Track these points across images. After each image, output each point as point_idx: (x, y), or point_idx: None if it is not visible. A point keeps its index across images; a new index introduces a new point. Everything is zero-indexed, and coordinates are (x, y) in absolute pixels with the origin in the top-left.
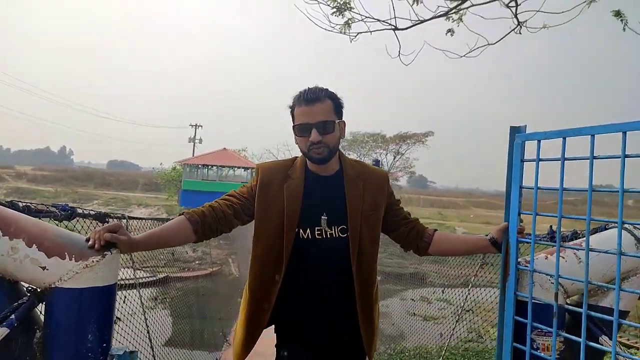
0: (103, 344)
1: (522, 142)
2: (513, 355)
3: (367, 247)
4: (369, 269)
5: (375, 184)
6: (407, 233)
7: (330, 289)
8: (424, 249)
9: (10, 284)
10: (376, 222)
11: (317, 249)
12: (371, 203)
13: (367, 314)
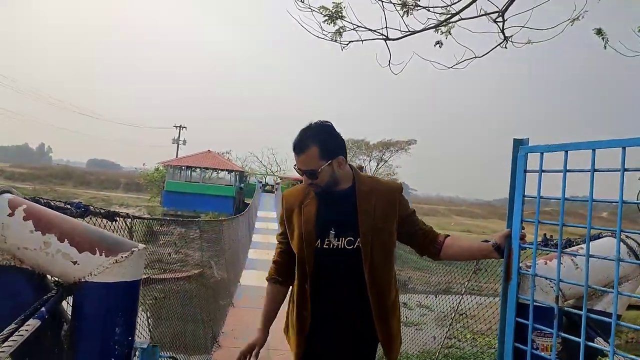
0: (129, 337)
1: (525, 154)
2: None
3: (379, 257)
4: (384, 279)
5: (387, 197)
6: (421, 241)
7: (345, 298)
8: (436, 254)
9: (39, 278)
10: (388, 234)
11: (328, 260)
12: (382, 215)
13: (384, 321)
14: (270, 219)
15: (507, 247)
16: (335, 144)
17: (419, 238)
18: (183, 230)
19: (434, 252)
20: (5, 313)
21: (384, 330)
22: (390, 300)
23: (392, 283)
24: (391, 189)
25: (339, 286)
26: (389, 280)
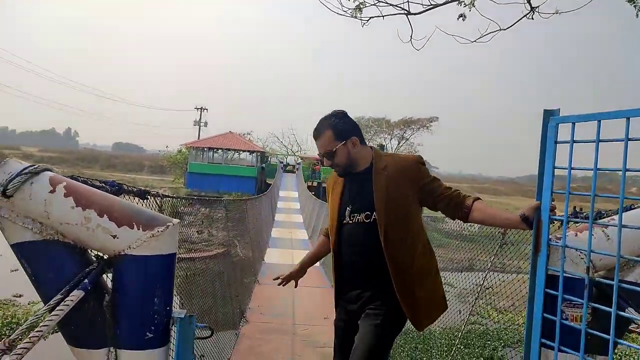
0: (167, 307)
1: (556, 125)
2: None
3: (395, 229)
4: (402, 249)
5: (401, 171)
6: (446, 206)
7: (360, 267)
8: (464, 217)
9: (81, 252)
10: (404, 205)
11: (347, 233)
12: (396, 189)
13: (406, 291)
14: (292, 198)
15: (536, 218)
16: (347, 127)
17: (442, 203)
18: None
19: (462, 216)
20: (51, 285)
21: (406, 299)
22: (413, 268)
23: (415, 252)
24: (406, 161)
25: (358, 259)
26: (410, 250)
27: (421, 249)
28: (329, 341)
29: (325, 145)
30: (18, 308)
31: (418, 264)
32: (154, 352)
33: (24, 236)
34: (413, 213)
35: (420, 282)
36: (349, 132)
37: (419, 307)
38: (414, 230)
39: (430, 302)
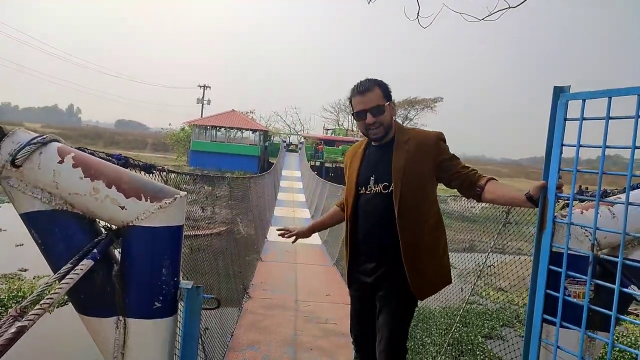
0: (174, 278)
1: (566, 102)
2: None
3: (410, 200)
4: (414, 220)
5: (421, 145)
6: (461, 184)
7: (376, 238)
8: (477, 197)
9: (90, 222)
10: (420, 179)
11: (365, 203)
12: (414, 162)
13: (414, 261)
14: (295, 177)
15: (542, 195)
16: (388, 90)
17: (457, 181)
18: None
19: (475, 195)
20: (60, 254)
21: (413, 268)
22: (423, 241)
23: (426, 225)
24: (427, 136)
25: (374, 229)
26: (421, 223)
27: (432, 224)
28: (331, 317)
29: (374, 100)
30: (23, 282)
31: (428, 238)
32: (162, 321)
33: (33, 206)
34: (428, 188)
35: (428, 255)
36: (390, 96)
37: (424, 278)
38: (428, 205)
39: (436, 275)
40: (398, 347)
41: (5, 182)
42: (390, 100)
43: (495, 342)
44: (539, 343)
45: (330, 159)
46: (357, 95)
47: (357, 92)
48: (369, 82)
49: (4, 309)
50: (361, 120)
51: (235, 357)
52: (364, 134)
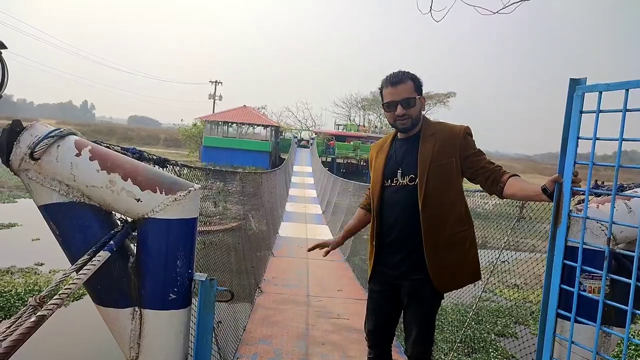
0: (189, 270)
1: (582, 94)
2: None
3: (434, 193)
4: (438, 212)
5: (448, 139)
6: (485, 180)
7: (401, 231)
8: (499, 193)
9: (106, 215)
10: (446, 172)
11: (390, 195)
12: (440, 155)
13: (435, 252)
14: (306, 173)
15: (557, 189)
16: (420, 85)
17: (482, 177)
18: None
19: (497, 191)
20: (78, 245)
21: (434, 261)
22: (446, 233)
23: (450, 219)
24: (453, 130)
25: (399, 222)
26: (445, 216)
27: (456, 218)
28: (343, 313)
29: (407, 92)
30: (40, 276)
31: (452, 232)
32: (177, 313)
33: (51, 198)
34: (454, 182)
35: (450, 249)
36: (421, 90)
37: (445, 271)
38: (452, 199)
39: (458, 269)
40: (429, 340)
41: (24, 175)
42: (421, 94)
43: (508, 340)
44: (553, 338)
45: (342, 154)
46: (389, 87)
47: (389, 84)
48: (402, 74)
49: (21, 302)
50: (391, 112)
51: (247, 351)
52: (392, 124)
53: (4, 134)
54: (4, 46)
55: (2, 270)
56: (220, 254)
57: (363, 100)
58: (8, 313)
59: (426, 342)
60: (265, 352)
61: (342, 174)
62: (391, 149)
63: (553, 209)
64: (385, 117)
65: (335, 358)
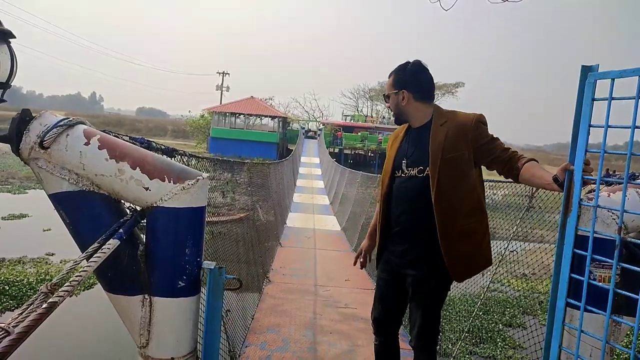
0: (197, 258)
1: (594, 81)
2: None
3: (447, 184)
4: (452, 204)
5: (460, 128)
6: (501, 167)
7: (409, 220)
8: (515, 178)
9: (115, 203)
10: (458, 163)
11: (398, 186)
12: (452, 146)
13: (449, 242)
14: (314, 164)
15: (568, 178)
16: (405, 79)
17: (497, 165)
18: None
19: (513, 176)
20: (88, 234)
21: (449, 251)
22: (460, 223)
23: (463, 209)
24: (465, 119)
25: (408, 213)
26: (458, 206)
27: (469, 208)
28: (350, 302)
29: (387, 87)
30: (51, 266)
31: (465, 222)
32: (186, 300)
33: (61, 186)
34: (466, 171)
35: (464, 239)
36: (404, 84)
37: (460, 261)
38: (465, 189)
39: (472, 259)
40: (433, 332)
41: (34, 164)
42: (398, 88)
43: (516, 330)
44: (562, 327)
45: (349, 145)
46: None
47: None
48: (392, 69)
49: (33, 291)
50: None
51: (256, 339)
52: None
53: (13, 123)
54: (12, 35)
55: (14, 260)
56: (229, 244)
57: (371, 90)
58: (20, 302)
59: (430, 335)
60: (273, 341)
61: (349, 164)
62: (404, 139)
63: (563, 197)
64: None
65: (343, 347)
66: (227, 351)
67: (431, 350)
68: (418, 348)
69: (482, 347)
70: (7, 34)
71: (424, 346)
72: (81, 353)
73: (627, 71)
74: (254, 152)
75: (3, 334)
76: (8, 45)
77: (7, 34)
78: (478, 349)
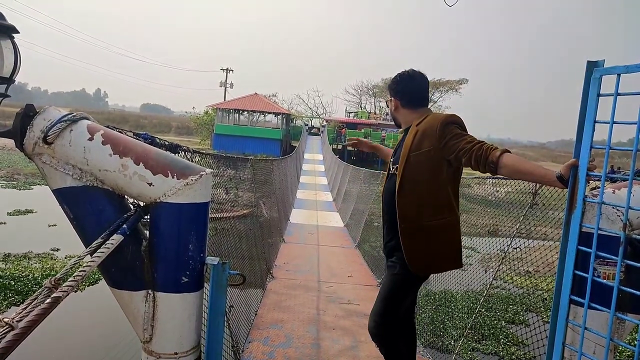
0: (201, 254)
1: (599, 77)
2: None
3: (408, 183)
4: (413, 199)
5: (427, 130)
6: (469, 161)
7: (389, 218)
8: (493, 171)
9: (119, 199)
10: (424, 161)
11: (386, 184)
12: (418, 146)
13: (410, 237)
14: (317, 161)
15: (572, 174)
16: (394, 88)
17: (465, 158)
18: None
19: (490, 170)
20: (92, 229)
21: (408, 245)
22: (422, 220)
23: (424, 206)
24: (435, 120)
25: (387, 209)
26: (419, 204)
27: (435, 206)
28: (354, 298)
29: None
30: (56, 261)
31: (427, 219)
32: (190, 296)
33: (65, 182)
34: (434, 171)
35: (427, 235)
36: (395, 92)
37: (420, 255)
38: (429, 186)
39: (436, 255)
40: (382, 317)
41: (38, 159)
42: (391, 96)
43: (519, 327)
44: (565, 324)
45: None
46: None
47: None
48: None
49: (38, 286)
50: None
51: (259, 335)
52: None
53: (17, 119)
54: (16, 30)
55: (20, 256)
56: (232, 241)
57: (374, 87)
58: (25, 297)
59: (380, 316)
60: (276, 336)
61: (352, 161)
62: (399, 141)
63: (568, 194)
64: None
65: (346, 343)
66: (231, 347)
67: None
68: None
69: (485, 344)
70: (11, 28)
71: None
72: (86, 348)
73: (634, 66)
74: (258, 148)
75: (7, 329)
76: (12, 40)
77: (11, 28)
78: (480, 345)
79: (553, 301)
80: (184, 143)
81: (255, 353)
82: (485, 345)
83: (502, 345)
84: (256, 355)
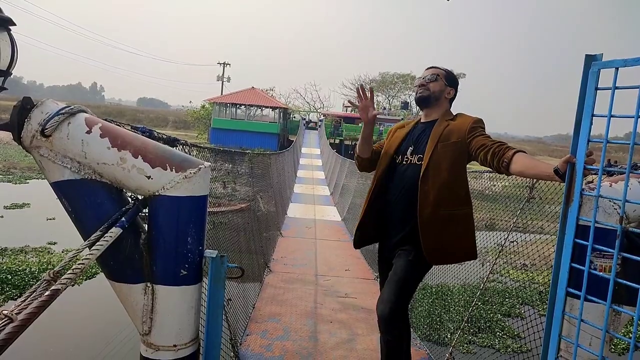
0: (199, 247)
1: (597, 70)
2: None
3: (436, 171)
4: (436, 188)
5: (458, 125)
6: (486, 158)
7: (403, 204)
8: (505, 168)
9: (117, 192)
10: (452, 152)
11: (398, 173)
12: (449, 136)
13: (429, 228)
14: (314, 155)
15: (570, 167)
16: (455, 81)
17: (482, 153)
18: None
19: (503, 167)
20: (90, 222)
21: (427, 235)
22: (440, 211)
23: (446, 197)
24: (467, 118)
25: (403, 198)
26: (442, 194)
27: (455, 197)
28: (350, 292)
29: (435, 72)
30: (53, 255)
31: (447, 210)
32: (188, 288)
33: (63, 175)
34: (458, 163)
35: (446, 226)
36: (454, 85)
37: (438, 244)
38: (452, 179)
39: (452, 246)
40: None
41: (36, 152)
42: (448, 84)
43: (515, 319)
44: (562, 316)
45: (350, 136)
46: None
47: (429, 67)
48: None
49: (35, 280)
50: (418, 79)
51: (257, 328)
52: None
53: (15, 112)
54: (12, 23)
55: (16, 250)
56: (230, 234)
57: (372, 81)
58: (23, 291)
59: (394, 302)
60: (274, 329)
61: (350, 155)
62: (410, 130)
63: (565, 187)
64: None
65: (343, 335)
66: (229, 339)
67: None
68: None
69: (481, 337)
70: (8, 21)
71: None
72: (85, 340)
73: (632, 60)
74: (255, 142)
75: (6, 321)
76: (8, 32)
77: (8, 21)
78: (477, 338)
79: (550, 293)
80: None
81: (253, 346)
82: (482, 338)
83: (498, 338)
84: (254, 348)
